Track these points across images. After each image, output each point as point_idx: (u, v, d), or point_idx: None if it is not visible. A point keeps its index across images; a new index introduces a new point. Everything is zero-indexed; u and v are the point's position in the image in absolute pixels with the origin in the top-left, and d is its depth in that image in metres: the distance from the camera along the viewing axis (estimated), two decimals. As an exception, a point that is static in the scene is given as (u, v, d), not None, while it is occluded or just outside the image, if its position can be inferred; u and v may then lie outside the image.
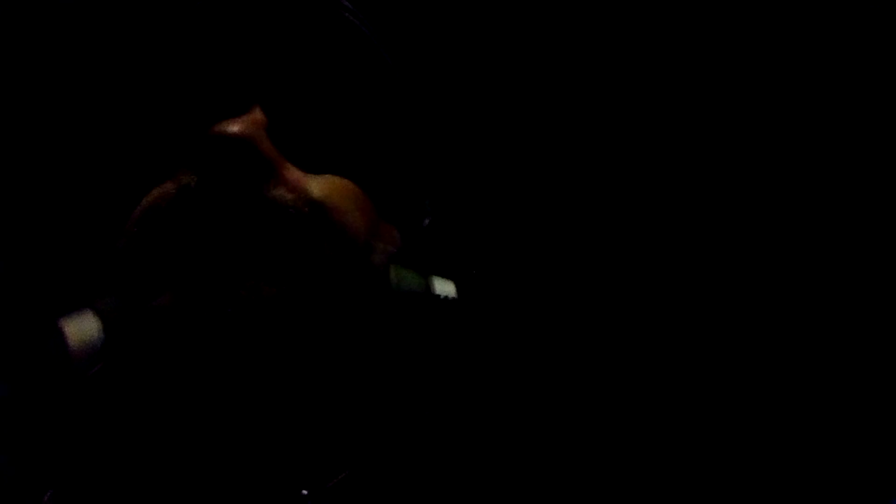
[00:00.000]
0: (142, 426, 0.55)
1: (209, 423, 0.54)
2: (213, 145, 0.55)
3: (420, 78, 0.68)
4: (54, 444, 0.57)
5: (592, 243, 0.88)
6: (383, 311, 0.58)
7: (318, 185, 0.57)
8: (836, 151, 0.90)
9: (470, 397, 0.61)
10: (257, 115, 0.57)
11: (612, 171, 0.90)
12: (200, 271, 0.53)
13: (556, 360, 0.76)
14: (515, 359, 0.70)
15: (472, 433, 0.60)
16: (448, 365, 0.61)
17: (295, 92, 0.59)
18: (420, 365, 0.60)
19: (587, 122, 0.92)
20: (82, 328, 0.55)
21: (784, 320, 0.87)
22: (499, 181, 0.88)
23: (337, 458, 0.56)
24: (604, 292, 0.86)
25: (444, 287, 0.62)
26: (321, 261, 0.55)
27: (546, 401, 0.67)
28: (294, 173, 0.57)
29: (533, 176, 0.89)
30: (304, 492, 0.54)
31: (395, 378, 0.59)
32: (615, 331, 0.83)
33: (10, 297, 0.60)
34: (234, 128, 0.55)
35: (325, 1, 0.61)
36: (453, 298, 0.61)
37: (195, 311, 0.53)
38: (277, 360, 0.54)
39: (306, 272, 0.55)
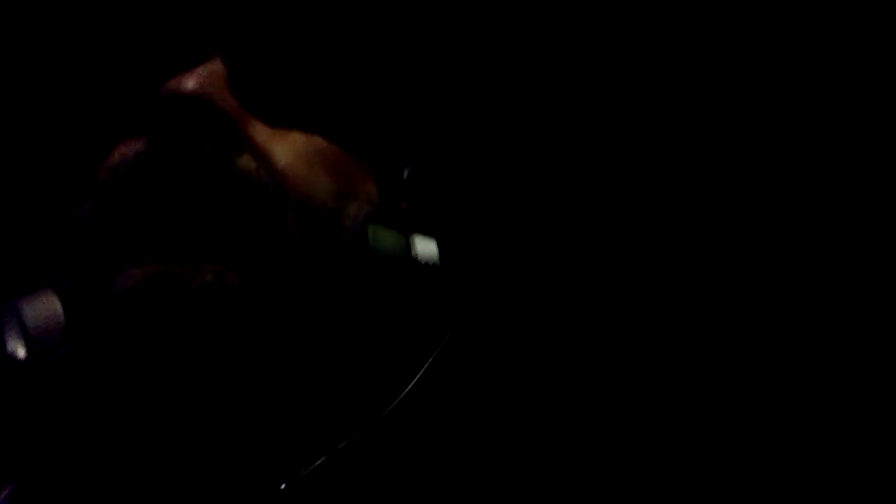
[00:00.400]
0: (109, 413, 0.52)
1: (177, 409, 0.51)
2: (167, 106, 0.50)
3: (393, 17, 0.63)
4: (16, 435, 0.54)
5: (578, 199, 0.85)
6: (358, 279, 0.55)
7: (283, 150, 0.53)
8: (836, 152, 0.87)
9: (452, 372, 0.58)
10: (216, 65, 0.52)
11: (593, 130, 0.87)
12: (163, 247, 0.50)
13: (540, 332, 0.74)
14: (498, 328, 0.68)
15: (456, 411, 0.58)
16: (428, 335, 0.58)
17: (258, 36, 0.55)
18: (399, 335, 0.57)
19: (569, 74, 0.88)
20: (42, 309, 0.51)
21: (785, 320, 0.85)
22: (481, 127, 0.84)
23: (313, 441, 0.53)
24: (587, 258, 0.83)
25: (426, 246, 0.59)
26: (285, 236, 0.52)
27: (530, 376, 0.65)
28: (259, 134, 0.53)
29: (518, 121, 0.85)
30: (282, 486, 0.51)
31: (371, 351, 0.56)
32: (598, 304, 0.81)
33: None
34: (189, 84, 0.50)
35: None
36: (434, 263, 0.58)
37: (161, 295, 0.49)
38: (245, 344, 0.51)
39: (271, 250, 0.51)
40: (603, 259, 0.82)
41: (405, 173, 0.66)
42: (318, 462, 0.52)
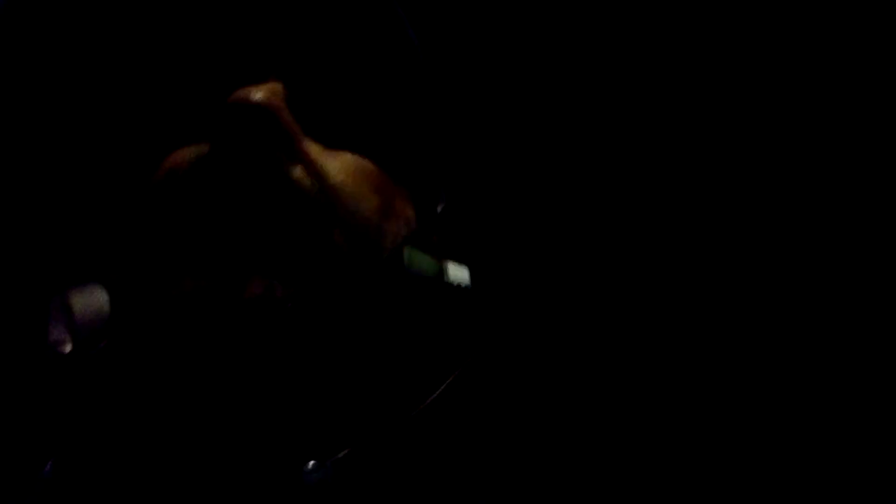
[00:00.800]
0: (143, 406, 0.54)
1: (212, 408, 0.53)
2: (233, 114, 0.53)
3: (444, 58, 0.67)
4: (56, 416, 0.56)
5: (604, 235, 0.87)
6: (395, 296, 0.57)
7: (334, 166, 0.56)
8: (836, 152, 0.90)
9: (478, 385, 0.60)
10: (277, 85, 0.55)
11: (629, 162, 0.89)
12: (215, 253, 0.52)
13: (565, 352, 0.75)
14: (526, 348, 0.69)
15: (478, 420, 0.59)
16: (458, 352, 0.59)
17: (316, 62, 0.57)
18: (430, 350, 0.59)
19: (602, 118, 0.91)
20: (89, 303, 0.53)
21: (793, 321, 0.86)
22: (514, 172, 0.87)
23: (343, 438, 0.55)
24: (618, 283, 0.85)
25: (458, 273, 0.61)
26: (332, 251, 0.54)
27: (554, 393, 0.66)
28: (312, 150, 0.56)
29: (545, 169, 0.88)
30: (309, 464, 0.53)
31: (403, 361, 0.58)
32: (628, 321, 0.82)
33: (19, 268, 0.59)
34: (257, 95, 0.53)
35: None
36: (466, 286, 0.60)
37: (211, 305, 0.51)
38: (288, 352, 0.53)
39: (317, 263, 0.53)
40: (630, 290, 0.84)
41: (439, 208, 0.69)
42: (340, 455, 0.53)
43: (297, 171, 0.54)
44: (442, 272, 0.60)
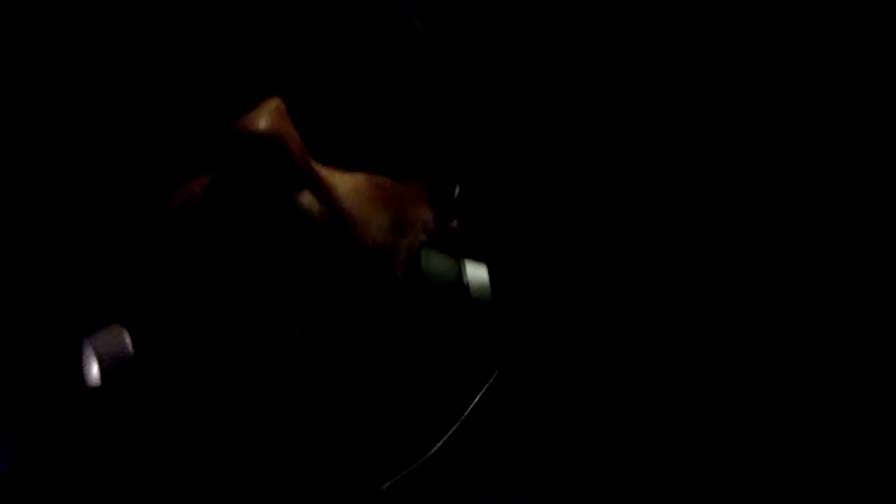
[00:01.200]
0: (169, 438, 0.56)
1: (236, 439, 0.54)
2: (239, 144, 0.51)
3: (453, 52, 0.64)
4: (87, 456, 0.58)
5: (621, 230, 0.85)
6: (411, 312, 0.56)
7: (344, 190, 0.55)
8: (836, 152, 0.86)
9: (500, 392, 0.60)
10: (279, 104, 0.53)
11: (644, 157, 0.87)
12: (227, 287, 0.52)
13: (583, 353, 0.75)
14: (546, 350, 0.69)
15: (506, 429, 0.60)
16: (477, 370, 0.60)
17: (316, 73, 0.55)
18: (448, 369, 0.59)
19: (618, 111, 0.88)
20: (114, 343, 0.54)
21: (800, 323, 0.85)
22: (532, 145, 0.85)
23: (365, 473, 0.56)
24: (635, 281, 0.84)
25: (477, 271, 0.61)
26: (343, 278, 0.53)
27: (576, 395, 0.66)
28: (321, 173, 0.54)
29: (561, 157, 0.86)
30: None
31: (421, 383, 0.58)
32: (647, 336, 0.81)
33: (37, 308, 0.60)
34: (262, 123, 0.51)
35: None
36: (485, 290, 0.59)
37: (227, 346, 0.52)
38: (310, 385, 0.53)
39: (329, 293, 0.53)
40: (653, 288, 0.83)
41: (456, 191, 0.68)
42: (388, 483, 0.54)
43: (307, 199, 0.53)
44: (460, 272, 0.60)
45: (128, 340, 0.54)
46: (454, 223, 0.66)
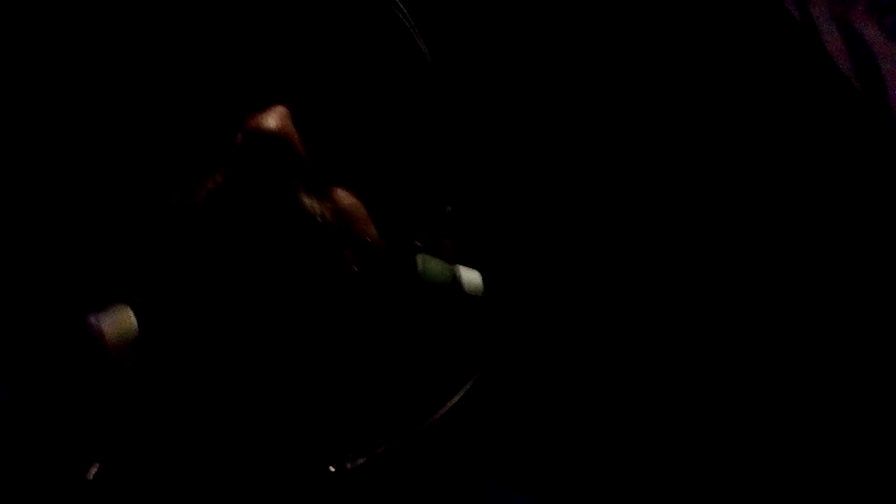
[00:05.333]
0: (174, 417, 0.56)
1: (235, 415, 0.55)
2: (248, 142, 0.53)
3: (449, 63, 0.67)
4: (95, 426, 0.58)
5: (612, 236, 0.88)
6: (407, 309, 0.58)
7: (342, 193, 0.57)
8: (836, 152, 0.91)
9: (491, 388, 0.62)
10: (284, 109, 0.55)
11: (637, 162, 0.90)
12: (230, 280, 0.53)
13: (574, 353, 0.77)
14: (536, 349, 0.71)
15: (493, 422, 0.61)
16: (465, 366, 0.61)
17: (318, 81, 0.58)
18: (444, 357, 0.61)
19: (608, 120, 0.91)
20: (119, 324, 0.55)
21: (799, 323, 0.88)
22: (521, 173, 0.88)
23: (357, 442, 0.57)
24: (626, 284, 0.86)
25: (470, 276, 0.63)
26: (345, 275, 0.55)
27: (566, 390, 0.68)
28: (323, 174, 0.57)
29: (551, 168, 0.89)
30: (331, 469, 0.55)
31: (420, 369, 0.60)
32: (637, 340, 0.83)
33: (42, 290, 0.61)
34: (271, 123, 0.53)
35: None
36: (479, 293, 0.61)
37: (229, 335, 0.53)
38: (304, 367, 0.55)
39: (331, 290, 0.55)
40: (643, 292, 0.85)
41: (447, 209, 0.70)
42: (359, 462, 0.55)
43: (310, 199, 0.55)
44: (455, 278, 0.62)
45: (133, 320, 0.55)
46: (447, 242, 0.68)
